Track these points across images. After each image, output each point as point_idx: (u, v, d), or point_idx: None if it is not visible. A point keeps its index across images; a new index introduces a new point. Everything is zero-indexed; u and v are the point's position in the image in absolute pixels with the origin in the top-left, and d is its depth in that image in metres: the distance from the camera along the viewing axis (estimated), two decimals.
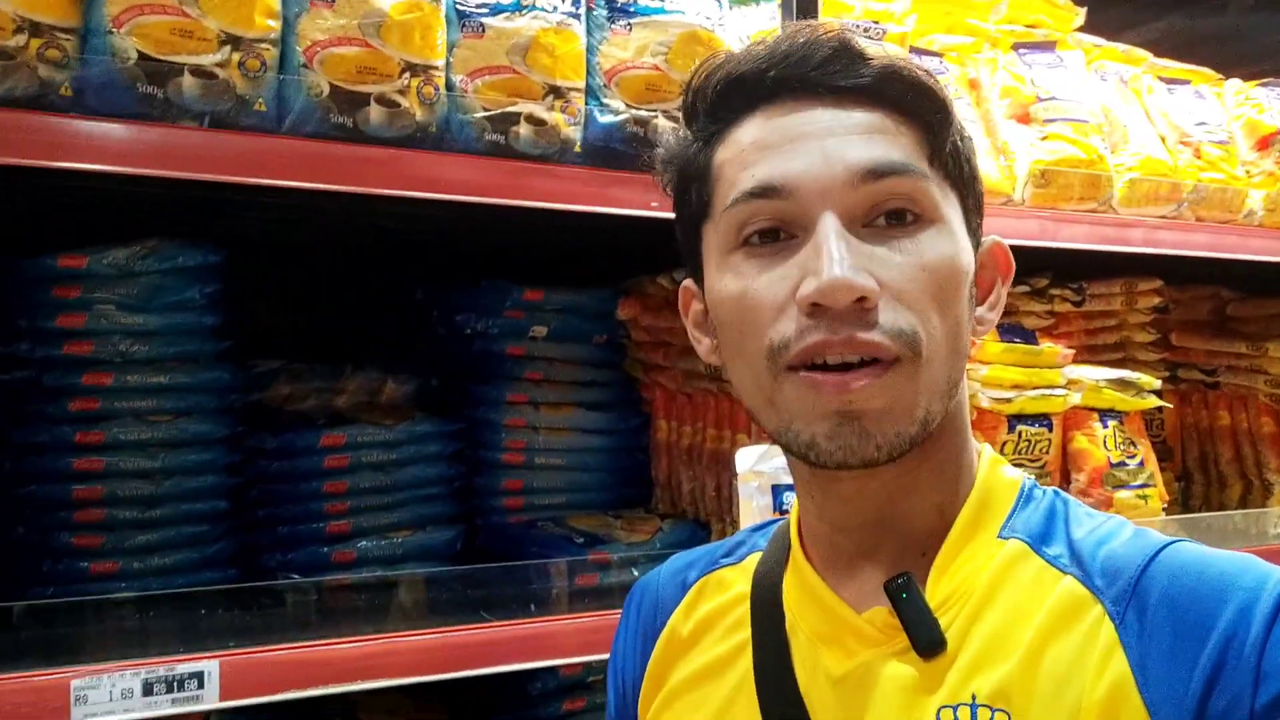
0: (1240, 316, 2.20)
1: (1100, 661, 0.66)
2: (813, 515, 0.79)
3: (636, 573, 1.39)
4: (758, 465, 1.28)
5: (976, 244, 0.76)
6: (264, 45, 1.08)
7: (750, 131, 0.73)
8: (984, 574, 0.72)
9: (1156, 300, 2.05)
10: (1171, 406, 1.99)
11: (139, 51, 1.02)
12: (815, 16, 1.35)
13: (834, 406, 0.68)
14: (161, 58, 1.03)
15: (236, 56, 1.06)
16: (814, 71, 0.71)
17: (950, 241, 0.71)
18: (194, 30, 1.04)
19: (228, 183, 1.07)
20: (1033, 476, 0.78)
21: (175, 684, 1.01)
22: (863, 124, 0.71)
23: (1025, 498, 0.75)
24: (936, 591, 0.72)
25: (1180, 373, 2.16)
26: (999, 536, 0.73)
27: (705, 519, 1.51)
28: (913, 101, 0.71)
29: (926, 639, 0.71)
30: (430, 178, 1.15)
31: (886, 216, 0.70)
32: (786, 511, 1.31)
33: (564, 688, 1.42)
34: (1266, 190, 1.93)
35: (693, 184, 0.77)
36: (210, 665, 1.03)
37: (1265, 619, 0.62)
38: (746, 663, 0.79)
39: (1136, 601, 0.67)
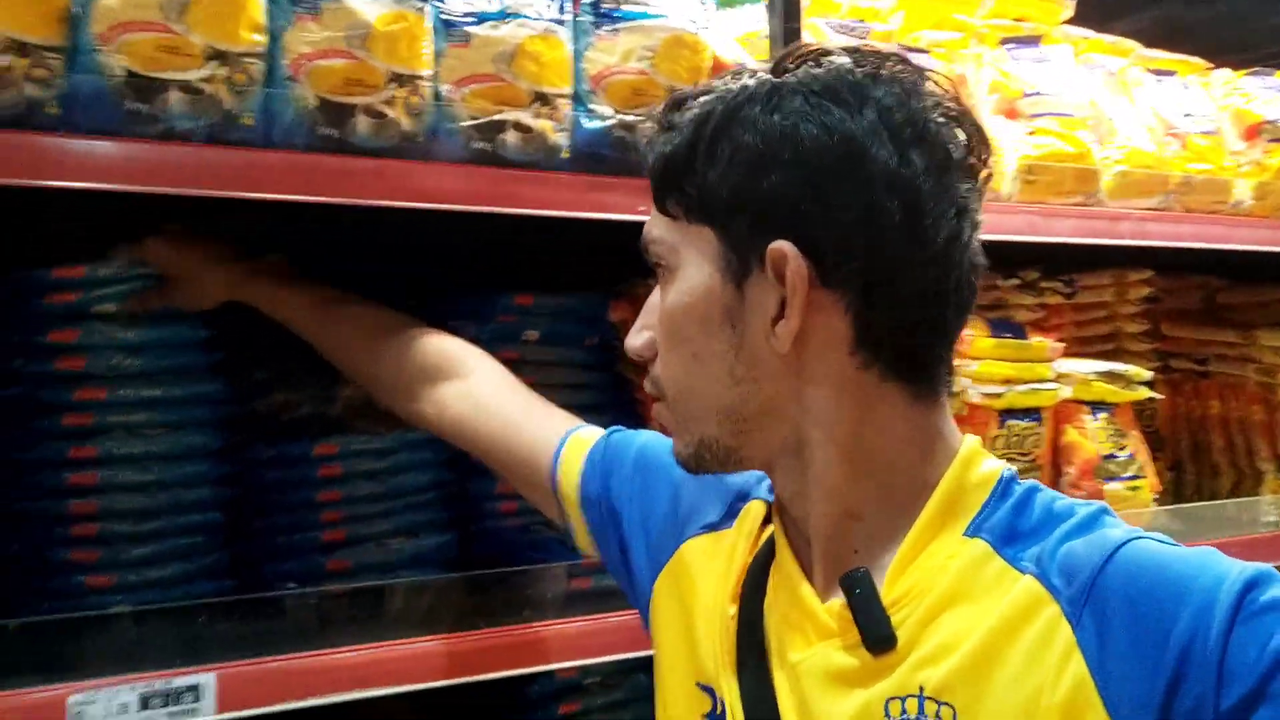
0: (1229, 305, 2.21)
1: (1059, 663, 0.66)
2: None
3: None
4: None
5: (747, 267, 0.74)
6: (250, 59, 1.08)
7: None
8: (944, 573, 0.72)
9: (1147, 290, 2.06)
10: (1163, 397, 2.01)
11: (126, 69, 1.02)
12: (798, 20, 1.36)
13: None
14: (149, 74, 1.03)
15: (223, 71, 1.06)
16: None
17: (678, 286, 0.78)
18: (180, 46, 1.04)
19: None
20: (1014, 469, 0.77)
21: (172, 697, 1.02)
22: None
23: (1000, 493, 0.75)
24: (893, 589, 0.73)
25: (1172, 362, 2.17)
26: (965, 534, 0.73)
27: None
28: (656, 176, 0.79)
29: (875, 634, 0.72)
30: (418, 187, 1.16)
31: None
32: None
33: (560, 691, 1.43)
34: (1254, 179, 1.94)
35: None
36: (207, 678, 1.04)
37: (1224, 620, 0.62)
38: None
39: (1093, 603, 0.66)
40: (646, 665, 1.49)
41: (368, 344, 1.23)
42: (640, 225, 1.32)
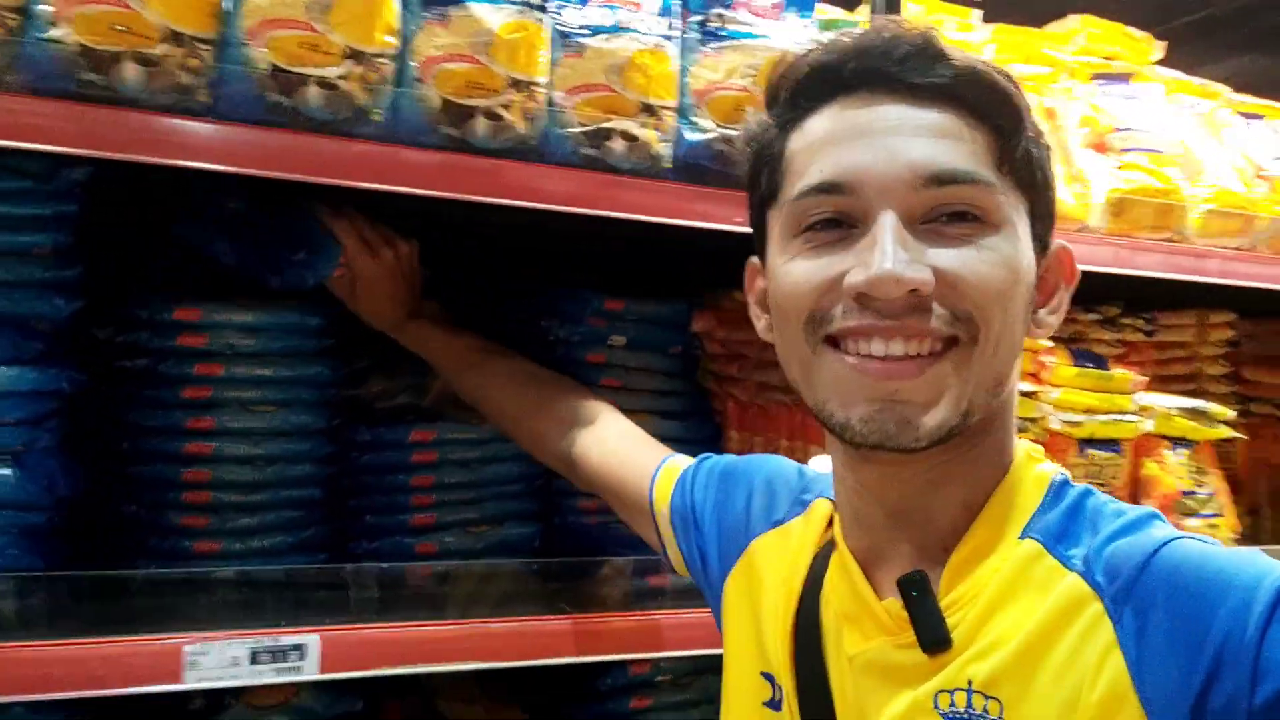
0: None
1: (1099, 661, 0.66)
2: (843, 497, 0.84)
3: None
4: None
5: (1043, 249, 0.77)
6: (383, 60, 1.15)
7: (823, 123, 0.75)
8: (998, 575, 0.73)
9: (1229, 333, 2.05)
10: (1244, 439, 1.98)
11: (271, 63, 1.10)
12: None
13: (878, 393, 0.70)
14: (291, 69, 1.10)
15: (358, 70, 1.13)
16: (893, 67, 0.72)
17: (1010, 246, 0.72)
18: (320, 44, 1.12)
19: (327, 187, 1.14)
20: (1066, 472, 0.78)
21: (279, 654, 1.07)
22: (933, 125, 0.71)
23: (1053, 496, 0.76)
24: (949, 591, 0.74)
25: (1253, 406, 2.14)
26: (1019, 537, 0.74)
27: None
28: (987, 105, 0.71)
29: (931, 637, 0.73)
30: (530, 188, 1.21)
31: (948, 216, 0.71)
32: None
33: (632, 685, 1.46)
34: None
35: (765, 167, 0.80)
36: (311, 639, 1.09)
37: (1261, 617, 0.61)
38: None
39: (1134, 600, 0.67)
40: (717, 667, 1.52)
41: (512, 400, 1.35)
42: (734, 235, 1.37)
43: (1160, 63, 2.11)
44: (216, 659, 1.04)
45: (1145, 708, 0.64)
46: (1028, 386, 1.56)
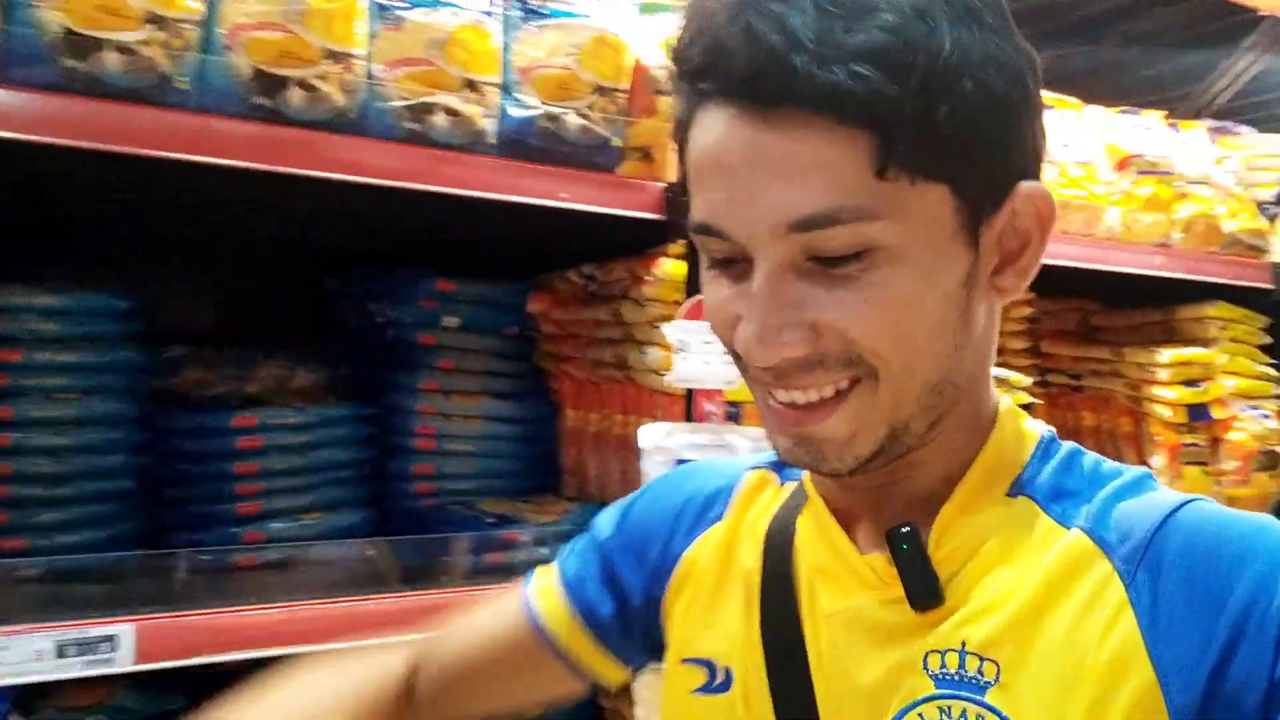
0: (1103, 327, 2.38)
1: (1109, 621, 0.63)
2: (815, 476, 0.78)
3: (545, 550, 1.44)
4: (662, 442, 1.35)
5: (990, 209, 0.66)
6: (187, 25, 1.11)
7: (701, 138, 0.66)
8: (988, 531, 0.69)
9: (1029, 311, 2.21)
10: (1041, 403, 2.14)
11: (64, 26, 1.04)
12: None
13: (791, 432, 0.68)
14: (86, 33, 1.05)
15: (160, 35, 1.09)
16: (742, 86, 0.62)
17: (907, 263, 0.63)
18: (118, 8, 1.07)
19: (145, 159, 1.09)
20: (1053, 429, 0.74)
21: (88, 646, 1.02)
22: (788, 159, 0.62)
23: (1042, 454, 0.72)
24: (937, 548, 0.70)
25: (1050, 377, 2.32)
26: (1008, 494, 0.71)
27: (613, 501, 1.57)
28: (860, 107, 0.60)
29: (922, 592, 0.69)
30: (349, 161, 1.19)
31: (828, 257, 0.63)
32: None
33: None
34: (1124, 208, 2.11)
35: (680, 156, 0.71)
36: (124, 629, 1.04)
37: None
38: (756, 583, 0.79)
39: (1149, 561, 0.63)
40: None
41: None
42: (562, 211, 1.38)
43: None
44: (19, 653, 0.98)
45: (1158, 670, 0.61)
46: None
